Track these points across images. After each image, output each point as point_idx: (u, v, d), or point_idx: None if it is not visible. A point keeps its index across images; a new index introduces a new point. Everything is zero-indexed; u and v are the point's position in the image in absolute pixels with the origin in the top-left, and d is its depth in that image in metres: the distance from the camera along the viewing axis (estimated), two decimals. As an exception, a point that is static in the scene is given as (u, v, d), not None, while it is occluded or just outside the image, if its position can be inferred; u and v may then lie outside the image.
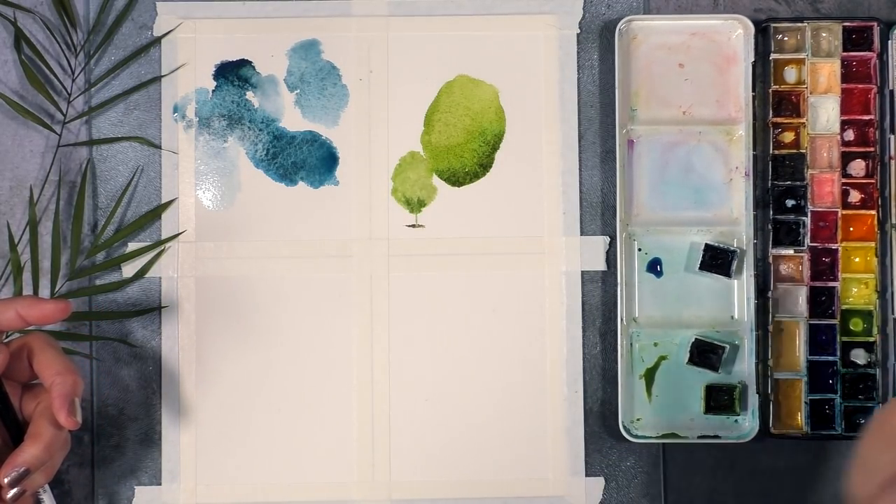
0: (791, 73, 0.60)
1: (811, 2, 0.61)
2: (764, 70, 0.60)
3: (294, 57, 0.61)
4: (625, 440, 0.58)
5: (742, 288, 0.59)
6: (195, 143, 0.60)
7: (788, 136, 0.59)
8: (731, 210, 0.60)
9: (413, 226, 0.60)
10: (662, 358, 0.59)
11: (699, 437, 0.58)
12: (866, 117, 0.59)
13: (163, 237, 0.60)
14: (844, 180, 0.59)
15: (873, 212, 0.59)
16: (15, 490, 0.43)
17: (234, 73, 0.60)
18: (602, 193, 0.60)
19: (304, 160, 0.60)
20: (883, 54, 0.59)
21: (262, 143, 0.60)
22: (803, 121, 0.59)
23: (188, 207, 0.60)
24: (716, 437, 0.58)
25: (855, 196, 0.59)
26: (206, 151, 0.60)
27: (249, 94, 0.60)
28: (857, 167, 0.59)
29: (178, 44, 0.60)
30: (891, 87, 0.59)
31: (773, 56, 0.59)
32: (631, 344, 0.59)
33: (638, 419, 0.59)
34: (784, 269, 0.59)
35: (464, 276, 0.60)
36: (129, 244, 0.60)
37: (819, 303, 0.59)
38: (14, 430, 0.45)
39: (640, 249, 0.59)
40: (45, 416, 0.44)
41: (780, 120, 0.59)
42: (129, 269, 0.59)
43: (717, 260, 0.58)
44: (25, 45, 0.58)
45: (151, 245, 0.59)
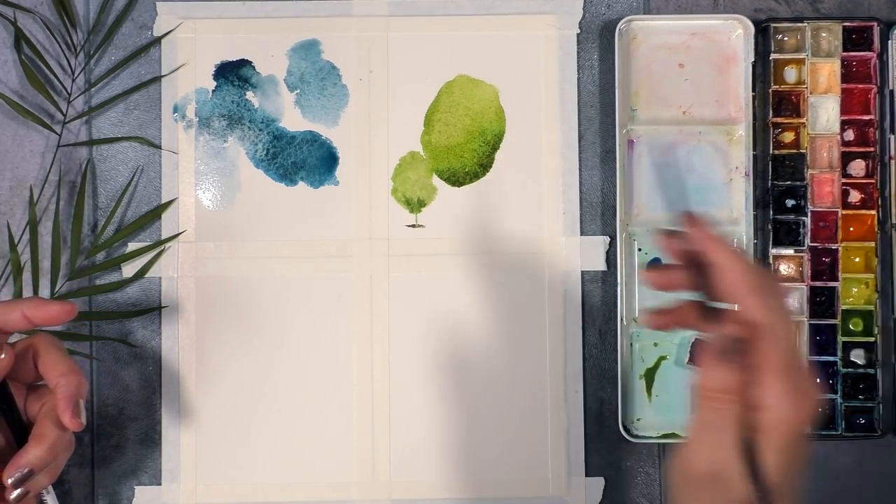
0: (791, 73, 0.60)
1: (811, 2, 0.61)
2: (764, 70, 0.60)
3: (294, 57, 0.61)
4: (625, 440, 0.58)
5: (742, 288, 0.59)
6: (195, 143, 0.60)
7: (788, 136, 0.59)
8: (731, 210, 0.60)
9: (413, 226, 0.60)
10: (662, 358, 0.59)
11: (699, 437, 0.58)
12: (866, 117, 0.59)
13: (163, 237, 0.60)
14: (844, 180, 0.59)
15: (873, 212, 0.59)
16: (18, 491, 0.43)
17: (234, 73, 0.60)
18: (602, 193, 0.60)
19: (304, 160, 0.60)
20: (883, 54, 0.59)
21: (262, 143, 0.60)
22: (803, 121, 0.59)
23: (188, 207, 0.60)
24: (716, 437, 0.58)
25: (855, 196, 0.59)
26: (206, 151, 0.60)
27: (249, 94, 0.60)
28: (857, 167, 0.59)
29: (178, 44, 0.60)
30: (891, 87, 0.59)
31: (773, 56, 0.59)
32: (631, 344, 0.59)
33: (638, 419, 0.59)
34: (784, 268, 0.59)
35: (464, 276, 0.60)
36: (129, 244, 0.60)
37: (819, 303, 0.59)
38: (18, 431, 0.45)
39: (640, 249, 0.59)
40: (50, 417, 0.44)
41: (780, 120, 0.59)
42: (129, 269, 0.59)
43: (717, 260, 0.58)
44: (25, 45, 0.58)
45: (151, 245, 0.59)
